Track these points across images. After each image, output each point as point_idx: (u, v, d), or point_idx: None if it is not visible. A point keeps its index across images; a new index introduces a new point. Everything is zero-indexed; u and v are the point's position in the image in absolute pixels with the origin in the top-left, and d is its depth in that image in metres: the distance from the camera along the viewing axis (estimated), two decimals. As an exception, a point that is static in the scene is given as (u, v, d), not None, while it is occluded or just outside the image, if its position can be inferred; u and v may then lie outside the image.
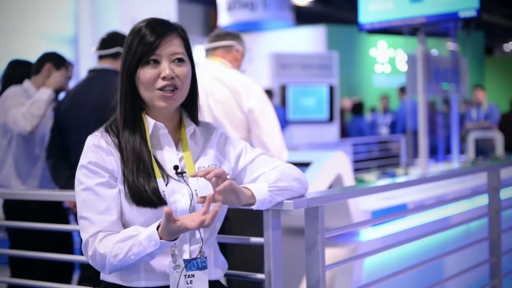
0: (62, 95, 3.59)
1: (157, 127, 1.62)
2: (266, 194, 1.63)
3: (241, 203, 1.60)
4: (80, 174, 1.58)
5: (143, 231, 1.50)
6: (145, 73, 1.57)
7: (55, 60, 3.56)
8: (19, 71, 3.64)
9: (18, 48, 6.77)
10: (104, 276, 1.66)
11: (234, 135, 3.00)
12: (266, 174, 1.70)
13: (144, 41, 1.57)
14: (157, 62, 1.58)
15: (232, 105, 3.08)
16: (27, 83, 3.51)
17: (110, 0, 7.38)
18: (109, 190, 1.56)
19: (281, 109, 9.20)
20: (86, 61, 3.73)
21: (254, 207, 1.62)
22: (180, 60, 1.61)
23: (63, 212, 3.56)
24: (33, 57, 3.74)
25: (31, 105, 3.26)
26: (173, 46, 1.59)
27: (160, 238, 1.47)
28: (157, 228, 1.48)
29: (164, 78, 1.57)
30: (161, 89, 1.58)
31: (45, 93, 3.31)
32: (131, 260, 1.49)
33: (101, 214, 1.54)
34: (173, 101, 1.60)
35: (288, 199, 1.70)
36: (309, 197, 1.75)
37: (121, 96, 1.61)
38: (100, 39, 3.25)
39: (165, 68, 1.57)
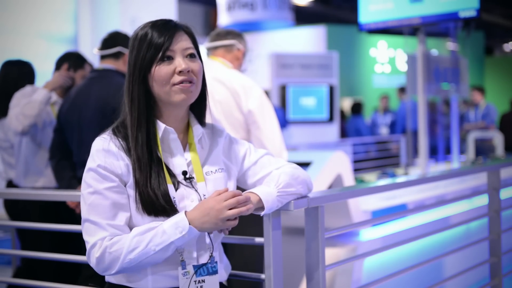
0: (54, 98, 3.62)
1: (168, 132, 1.61)
2: (275, 200, 1.63)
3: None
4: (88, 177, 1.55)
5: (167, 221, 1.50)
6: (160, 70, 1.56)
7: (73, 61, 3.61)
8: (13, 71, 3.65)
9: (18, 48, 6.76)
10: (109, 277, 1.64)
11: (233, 135, 2.99)
12: (275, 176, 1.68)
13: (155, 42, 1.56)
14: (171, 59, 1.57)
15: (232, 106, 3.07)
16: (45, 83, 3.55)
17: (110, 0, 7.38)
18: (118, 195, 1.54)
19: (280, 110, 9.20)
20: (88, 59, 3.76)
21: (262, 214, 1.62)
22: (192, 55, 1.60)
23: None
24: (33, 57, 3.76)
25: (25, 105, 3.27)
26: (184, 42, 1.59)
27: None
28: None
29: (180, 72, 1.56)
30: (178, 83, 1.57)
31: (41, 94, 3.32)
32: (152, 252, 1.47)
33: (110, 219, 1.51)
34: (191, 93, 1.59)
35: (289, 200, 1.70)
36: (309, 197, 1.75)
37: (133, 99, 1.58)
38: (102, 40, 3.26)
39: (181, 62, 1.57)
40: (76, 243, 3.24)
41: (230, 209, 1.51)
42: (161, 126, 1.60)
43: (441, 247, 3.82)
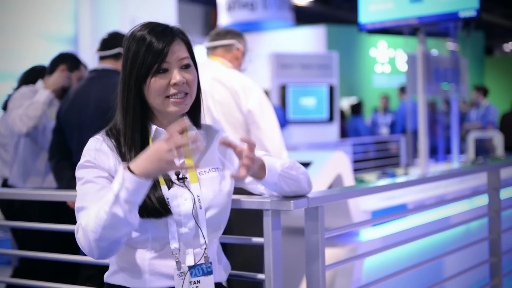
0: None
1: (159, 133, 1.62)
2: (275, 176, 1.65)
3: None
4: (79, 172, 1.58)
5: None
6: (156, 82, 1.57)
7: (69, 62, 3.59)
8: (33, 74, 3.67)
9: (18, 48, 6.76)
10: (108, 278, 1.65)
11: (233, 136, 2.99)
12: (282, 160, 1.71)
13: (152, 50, 1.56)
14: (166, 70, 1.58)
15: (231, 106, 3.07)
16: (39, 83, 3.54)
17: (110, 0, 7.38)
18: (108, 183, 1.55)
19: (280, 109, 9.20)
20: (86, 61, 3.75)
21: (259, 183, 1.65)
22: (187, 66, 1.61)
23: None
24: (33, 57, 3.76)
25: (28, 106, 3.28)
26: (180, 52, 1.60)
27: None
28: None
29: (175, 85, 1.58)
30: (172, 95, 1.58)
31: (43, 95, 3.33)
32: (105, 214, 1.41)
33: (97, 201, 1.50)
34: (185, 106, 1.61)
35: (288, 199, 1.70)
36: (309, 197, 1.75)
37: (128, 106, 1.59)
38: (101, 40, 3.25)
39: (176, 75, 1.58)
40: (75, 244, 3.24)
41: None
42: (152, 128, 1.62)
43: (441, 247, 3.82)
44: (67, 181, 3.12)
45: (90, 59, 5.59)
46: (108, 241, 1.46)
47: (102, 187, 1.53)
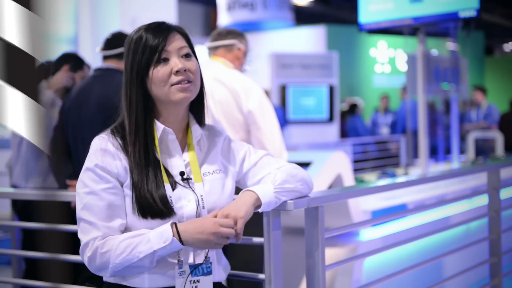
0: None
1: (166, 132, 1.62)
2: (272, 196, 1.64)
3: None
4: (85, 177, 1.57)
5: (154, 229, 1.52)
6: (158, 72, 1.58)
7: (72, 62, 3.59)
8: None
9: (18, 48, 6.75)
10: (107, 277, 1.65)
11: (233, 136, 2.99)
12: (272, 174, 1.70)
13: (150, 44, 1.58)
14: (166, 60, 1.59)
15: (232, 106, 3.07)
16: (42, 84, 3.53)
17: (110, 0, 7.38)
18: (113, 197, 1.55)
19: (280, 109, 9.20)
20: (86, 61, 3.78)
21: (260, 210, 1.63)
22: (188, 55, 1.62)
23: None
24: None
25: None
26: (178, 42, 1.61)
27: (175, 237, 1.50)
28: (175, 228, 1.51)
29: (177, 72, 1.58)
30: (176, 84, 1.58)
31: (45, 95, 3.33)
32: (136, 258, 1.49)
33: (104, 220, 1.53)
34: (190, 92, 1.61)
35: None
36: (309, 197, 1.75)
37: (131, 102, 1.59)
38: (105, 39, 3.25)
39: (177, 62, 1.59)
40: (76, 243, 3.24)
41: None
42: (159, 127, 1.61)
43: (441, 247, 3.82)
44: (67, 178, 3.11)
45: (91, 59, 5.59)
46: (130, 273, 1.56)
47: (109, 203, 1.54)
